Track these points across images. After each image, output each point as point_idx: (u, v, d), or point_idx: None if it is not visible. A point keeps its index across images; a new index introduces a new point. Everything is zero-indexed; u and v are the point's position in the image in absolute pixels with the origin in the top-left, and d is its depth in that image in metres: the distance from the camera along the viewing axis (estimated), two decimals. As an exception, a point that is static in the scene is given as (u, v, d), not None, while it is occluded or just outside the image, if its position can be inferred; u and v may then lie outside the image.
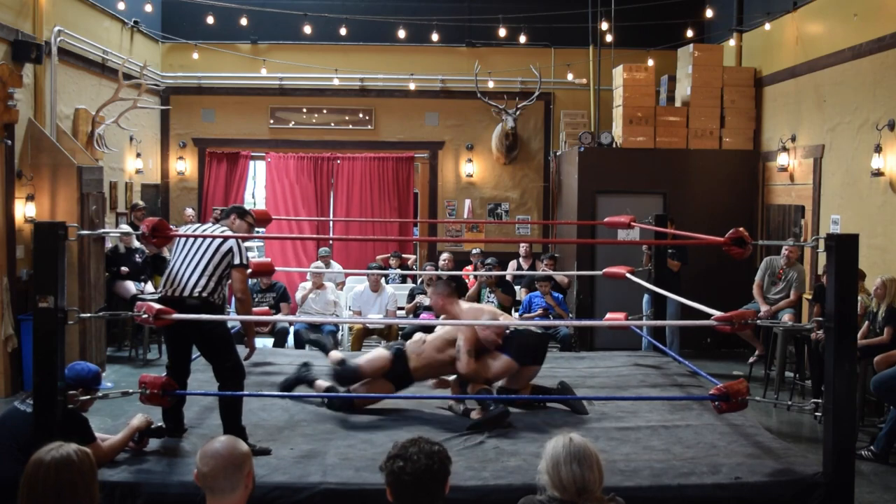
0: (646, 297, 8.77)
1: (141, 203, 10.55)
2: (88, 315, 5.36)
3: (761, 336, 8.75)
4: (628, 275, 7.49)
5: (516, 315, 9.33)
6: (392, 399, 5.32)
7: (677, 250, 8.81)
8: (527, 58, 11.89)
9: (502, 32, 11.22)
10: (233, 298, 5.24)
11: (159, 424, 4.43)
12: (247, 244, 5.60)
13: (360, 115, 12.27)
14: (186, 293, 4.64)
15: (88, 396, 4.24)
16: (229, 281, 4.75)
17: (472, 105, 11.92)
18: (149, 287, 9.55)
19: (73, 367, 4.36)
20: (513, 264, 10.72)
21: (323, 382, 5.53)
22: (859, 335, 6.57)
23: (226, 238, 4.69)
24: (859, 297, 6.79)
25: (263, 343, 9.29)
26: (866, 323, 6.89)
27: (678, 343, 8.79)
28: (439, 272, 9.55)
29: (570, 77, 12.00)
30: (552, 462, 2.63)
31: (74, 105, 9.31)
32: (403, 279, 10.89)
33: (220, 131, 12.22)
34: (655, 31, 11.37)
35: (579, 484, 2.57)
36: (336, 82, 11.88)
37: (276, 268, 7.92)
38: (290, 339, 8.99)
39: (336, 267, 10.58)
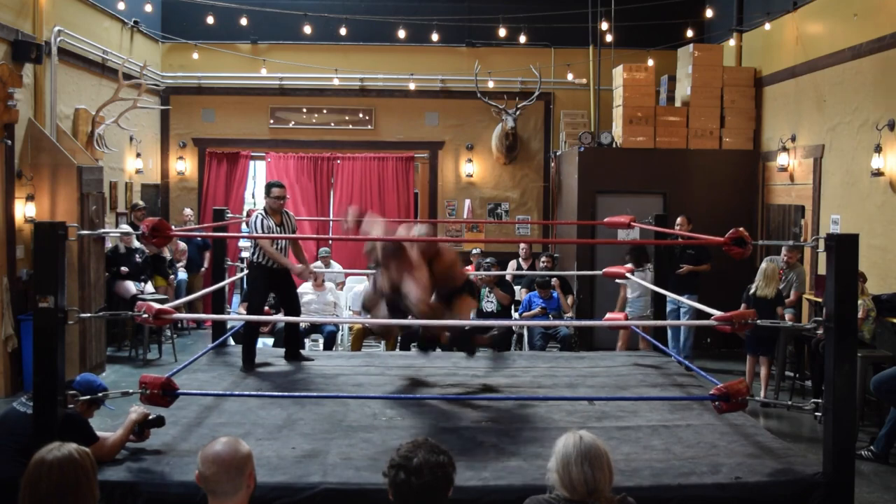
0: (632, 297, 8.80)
1: (141, 203, 10.55)
2: (88, 315, 5.35)
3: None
4: (628, 275, 7.50)
5: (516, 315, 9.34)
6: (391, 399, 5.32)
7: (698, 252, 8.78)
8: (527, 58, 11.89)
9: (502, 32, 11.23)
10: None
11: (158, 415, 4.44)
12: (248, 244, 6.34)
13: (360, 115, 12.27)
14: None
15: (88, 397, 4.23)
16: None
17: (472, 105, 11.93)
18: (149, 287, 9.55)
19: (86, 376, 4.38)
20: (512, 264, 10.72)
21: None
22: None
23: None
24: (860, 301, 6.81)
25: (263, 343, 9.31)
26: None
27: (691, 343, 8.81)
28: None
29: (570, 77, 12.00)
30: (562, 461, 2.59)
31: (74, 105, 9.31)
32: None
33: (220, 131, 12.22)
34: (655, 31, 11.37)
35: (590, 485, 2.54)
36: (336, 82, 11.89)
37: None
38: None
39: (336, 267, 10.58)
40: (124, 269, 9.30)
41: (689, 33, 10.87)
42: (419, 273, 5.02)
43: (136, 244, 9.49)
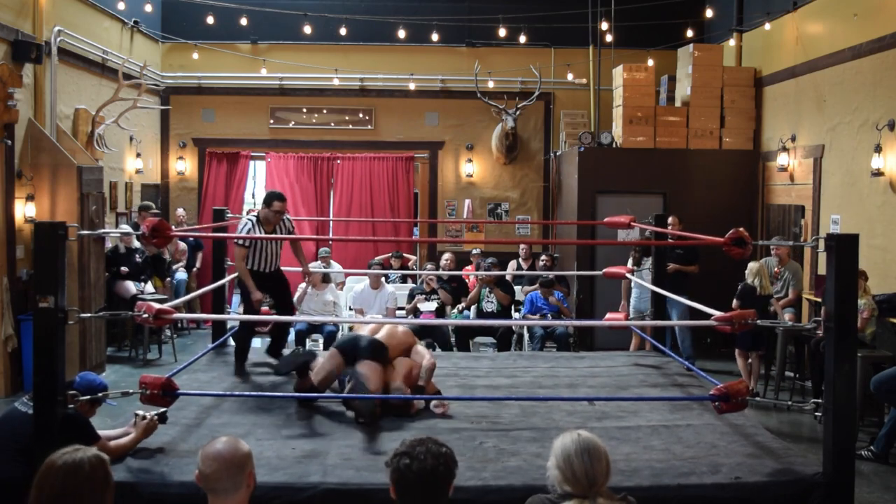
0: (635, 292, 8.78)
1: (152, 206, 10.49)
2: (88, 315, 5.35)
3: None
4: (628, 275, 7.49)
5: (517, 315, 9.34)
6: (391, 398, 5.31)
7: (686, 252, 8.77)
8: (527, 58, 11.89)
9: (502, 32, 11.23)
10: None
11: (162, 411, 4.46)
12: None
13: (360, 115, 12.27)
14: None
15: (88, 397, 4.23)
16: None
17: (472, 105, 11.93)
18: (149, 287, 9.55)
19: (86, 376, 4.38)
20: (512, 264, 10.72)
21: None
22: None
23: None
24: (863, 301, 6.81)
25: (263, 342, 9.31)
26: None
27: (690, 343, 8.80)
28: (440, 272, 9.56)
29: (570, 77, 12.00)
30: (563, 455, 2.62)
31: (74, 105, 9.31)
32: (404, 279, 10.89)
33: (220, 131, 12.22)
34: (655, 31, 11.37)
35: (590, 476, 2.57)
36: (336, 82, 11.89)
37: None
38: (292, 337, 8.98)
39: (336, 267, 10.58)
40: (124, 269, 9.30)
41: (689, 33, 10.87)
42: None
43: (136, 244, 9.49)
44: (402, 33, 11.44)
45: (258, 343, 8.99)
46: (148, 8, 11.04)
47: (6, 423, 4.09)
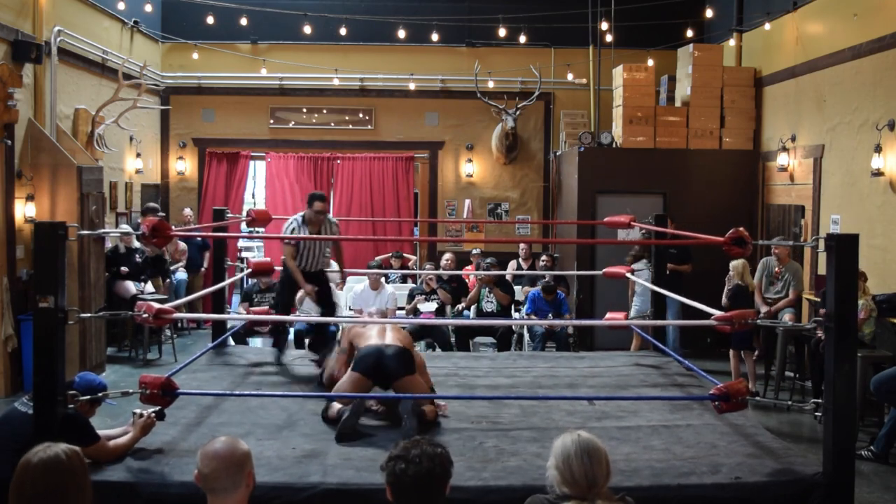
0: (637, 295, 8.76)
1: (159, 210, 10.45)
2: (88, 315, 5.35)
3: (761, 336, 8.74)
4: (628, 275, 7.49)
5: (517, 315, 9.34)
6: (391, 398, 5.31)
7: (680, 252, 8.77)
8: (527, 58, 11.89)
9: (502, 32, 11.23)
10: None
11: (158, 409, 4.46)
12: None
13: (360, 115, 12.28)
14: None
15: (88, 397, 4.23)
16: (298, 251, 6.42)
17: (472, 105, 11.93)
18: (149, 287, 9.55)
19: (86, 376, 4.38)
20: (512, 264, 10.72)
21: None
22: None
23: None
24: (861, 301, 6.81)
25: (263, 342, 9.31)
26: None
27: (678, 341, 8.79)
28: (440, 272, 9.55)
29: (570, 77, 12.00)
30: (563, 456, 2.61)
31: (74, 105, 9.31)
32: (404, 279, 10.89)
33: (220, 131, 12.23)
34: (655, 31, 11.37)
35: (590, 477, 2.57)
36: (336, 82, 11.89)
37: (277, 267, 7.90)
38: (291, 337, 8.98)
39: (336, 267, 10.55)
40: (124, 269, 9.29)
41: (689, 33, 10.87)
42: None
43: (136, 244, 9.48)
44: (402, 33, 11.44)
45: (259, 343, 9.00)
46: (148, 8, 11.04)
47: (6, 423, 4.09)
